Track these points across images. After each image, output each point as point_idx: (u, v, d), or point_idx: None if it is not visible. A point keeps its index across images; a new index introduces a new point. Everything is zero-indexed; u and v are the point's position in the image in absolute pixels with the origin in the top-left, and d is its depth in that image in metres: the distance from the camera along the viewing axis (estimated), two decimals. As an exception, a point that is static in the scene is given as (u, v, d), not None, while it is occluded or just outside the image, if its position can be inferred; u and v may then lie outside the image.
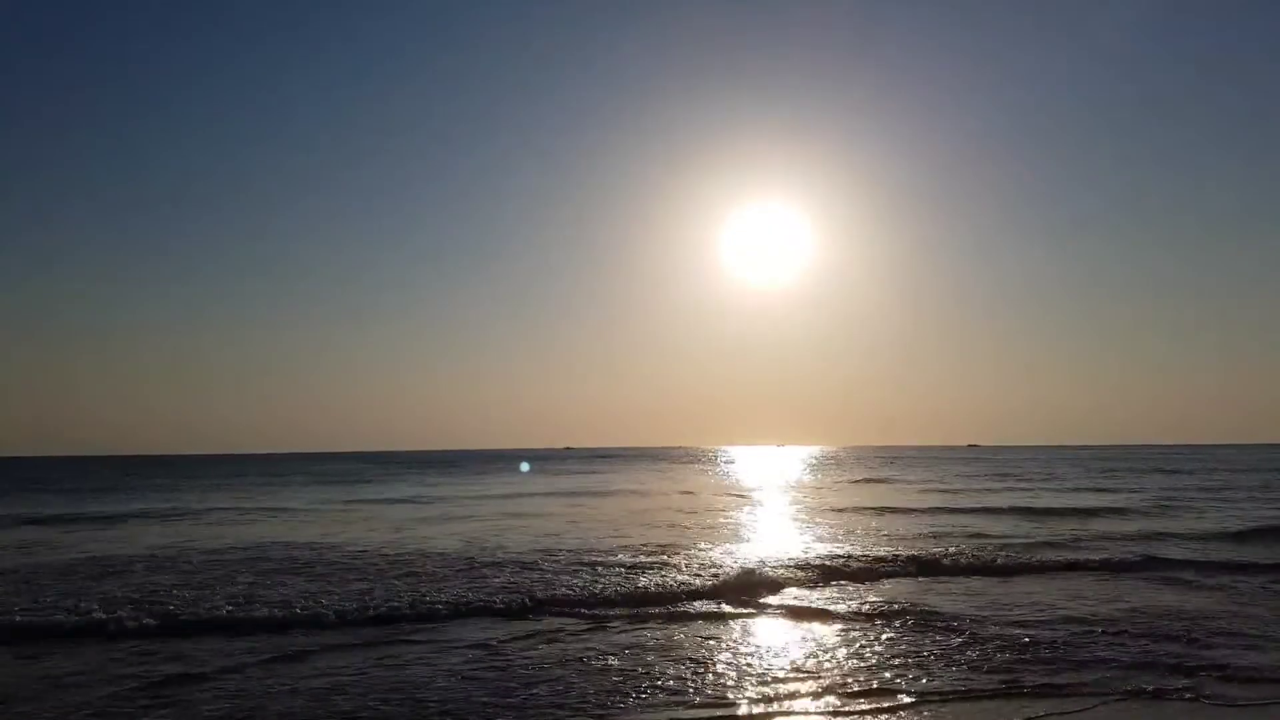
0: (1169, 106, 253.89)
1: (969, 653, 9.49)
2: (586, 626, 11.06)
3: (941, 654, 9.47)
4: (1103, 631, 10.47)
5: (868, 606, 12.19)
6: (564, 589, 13.27)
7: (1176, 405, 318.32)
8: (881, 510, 28.93)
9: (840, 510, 29.27)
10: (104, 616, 11.08)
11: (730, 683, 8.44)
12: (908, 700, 7.87)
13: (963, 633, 10.40)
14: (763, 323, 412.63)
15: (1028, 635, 10.26)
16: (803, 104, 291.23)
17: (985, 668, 8.89)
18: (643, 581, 13.87)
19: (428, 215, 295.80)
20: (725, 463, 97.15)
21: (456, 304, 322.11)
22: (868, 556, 16.59)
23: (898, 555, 16.72)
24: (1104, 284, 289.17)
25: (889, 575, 15.06)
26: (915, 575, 15.08)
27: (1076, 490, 39.35)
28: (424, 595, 12.75)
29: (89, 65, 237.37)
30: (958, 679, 8.49)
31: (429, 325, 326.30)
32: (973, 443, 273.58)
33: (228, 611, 11.55)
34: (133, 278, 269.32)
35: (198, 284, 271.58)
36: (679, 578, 14.26)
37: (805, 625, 11.21)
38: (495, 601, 12.30)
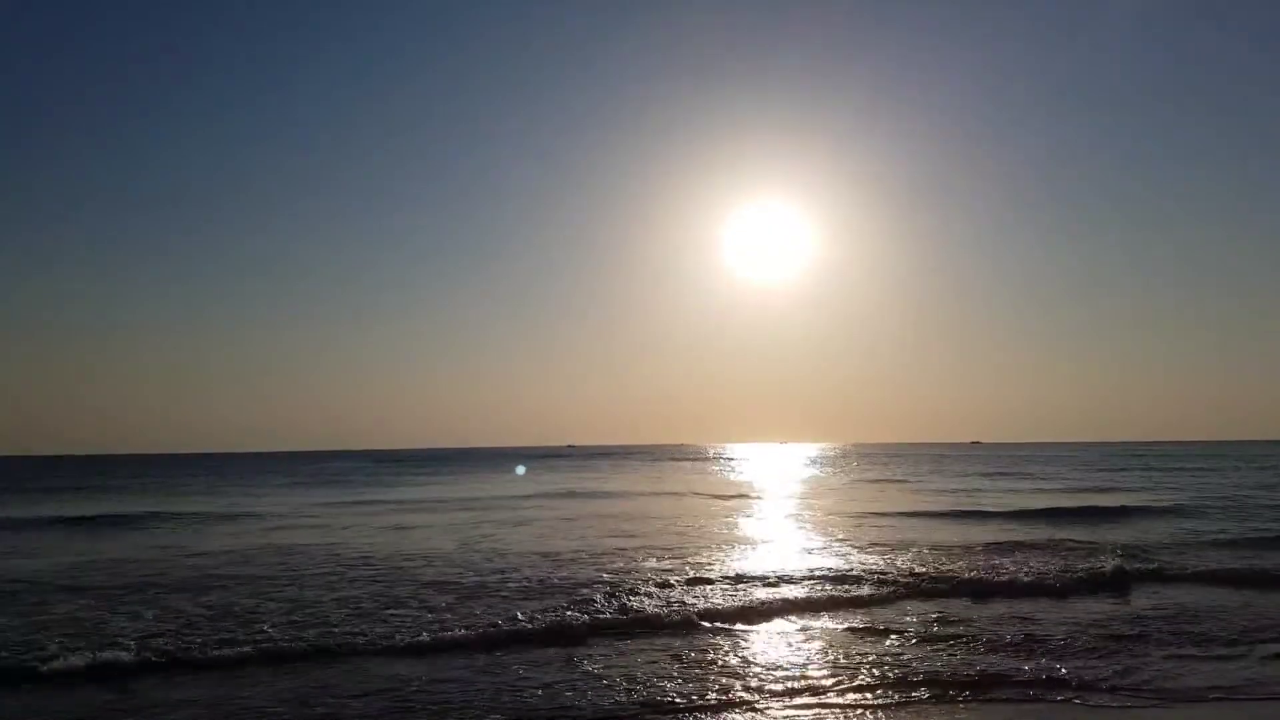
0: (1171, 104, 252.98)
1: None
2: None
3: None
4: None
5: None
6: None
7: (1179, 402, 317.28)
8: (923, 515, 26.93)
9: (886, 516, 26.56)
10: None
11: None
12: None
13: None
14: (765, 320, 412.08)
15: None
16: (804, 102, 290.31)
17: None
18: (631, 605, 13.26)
19: (428, 215, 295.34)
20: (728, 461, 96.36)
21: (456, 304, 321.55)
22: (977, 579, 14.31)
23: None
24: (1107, 281, 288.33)
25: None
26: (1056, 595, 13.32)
27: (1115, 491, 37.71)
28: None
29: (89, 65, 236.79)
30: None
31: (429, 325, 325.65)
32: (976, 439, 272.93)
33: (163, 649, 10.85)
34: (133, 278, 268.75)
35: (198, 284, 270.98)
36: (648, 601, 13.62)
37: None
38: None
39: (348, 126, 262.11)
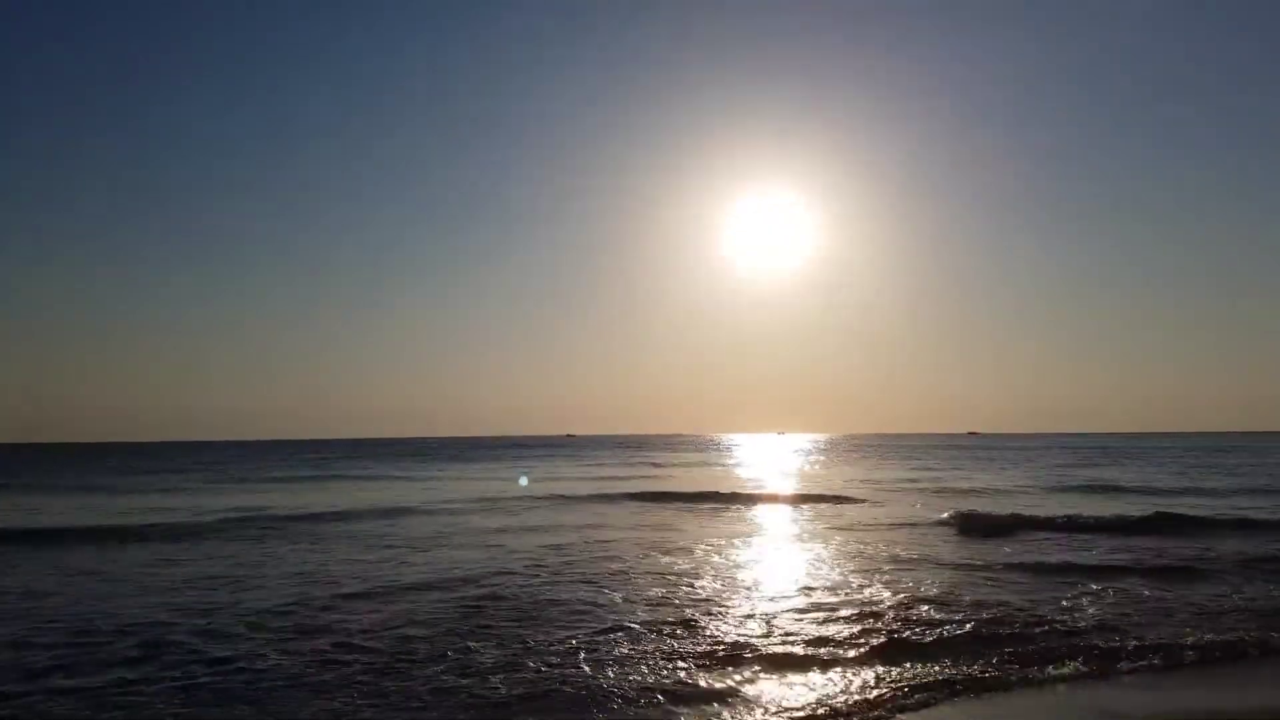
0: (1173, 100, 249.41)
1: None
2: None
3: None
4: None
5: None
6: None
7: (1174, 394, 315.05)
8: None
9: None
10: None
11: None
12: None
13: None
14: (765, 312, 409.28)
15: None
16: (805, 96, 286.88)
17: None
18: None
19: (428, 214, 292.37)
20: (728, 450, 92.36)
21: (459, 296, 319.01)
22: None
23: None
24: (1104, 274, 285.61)
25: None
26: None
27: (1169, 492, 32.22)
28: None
29: (89, 65, 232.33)
30: None
31: (431, 320, 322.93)
32: (973, 430, 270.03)
33: None
34: (133, 277, 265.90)
35: (199, 284, 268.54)
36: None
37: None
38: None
39: (348, 126, 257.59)
